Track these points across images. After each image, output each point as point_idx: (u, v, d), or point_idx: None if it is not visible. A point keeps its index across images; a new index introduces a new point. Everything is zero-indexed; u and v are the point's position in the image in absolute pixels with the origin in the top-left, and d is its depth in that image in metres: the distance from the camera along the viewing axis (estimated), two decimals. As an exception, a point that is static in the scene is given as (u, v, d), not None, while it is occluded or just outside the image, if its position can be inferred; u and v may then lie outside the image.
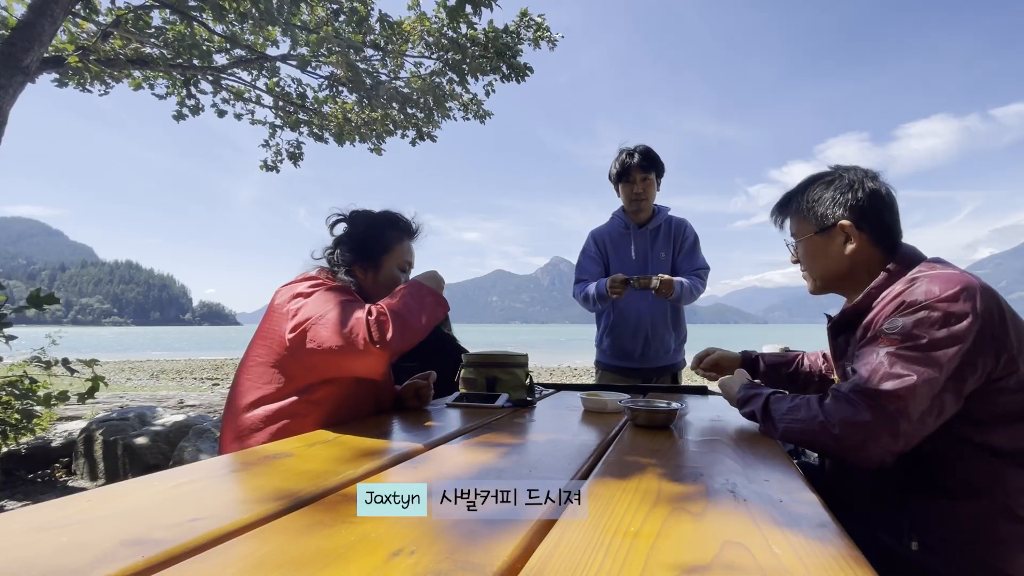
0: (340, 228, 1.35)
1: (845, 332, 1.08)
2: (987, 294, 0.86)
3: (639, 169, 2.09)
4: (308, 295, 1.11)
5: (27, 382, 2.89)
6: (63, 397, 2.94)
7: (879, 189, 1.03)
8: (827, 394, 0.93)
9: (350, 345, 1.00)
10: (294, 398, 1.09)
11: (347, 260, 1.28)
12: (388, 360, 1.04)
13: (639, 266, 2.18)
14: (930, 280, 0.89)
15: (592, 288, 2.15)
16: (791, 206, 1.13)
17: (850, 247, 1.03)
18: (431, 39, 4.64)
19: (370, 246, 1.30)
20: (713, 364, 1.44)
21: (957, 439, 0.86)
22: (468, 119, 5.32)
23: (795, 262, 1.17)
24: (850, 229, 1.02)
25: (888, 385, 0.84)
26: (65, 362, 2.85)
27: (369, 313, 1.04)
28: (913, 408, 0.83)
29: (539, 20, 4.62)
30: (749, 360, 1.42)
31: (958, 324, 0.83)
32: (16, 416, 2.89)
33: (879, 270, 1.00)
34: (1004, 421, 0.85)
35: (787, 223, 1.16)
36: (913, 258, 0.99)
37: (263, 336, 1.14)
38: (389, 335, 1.02)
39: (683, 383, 2.26)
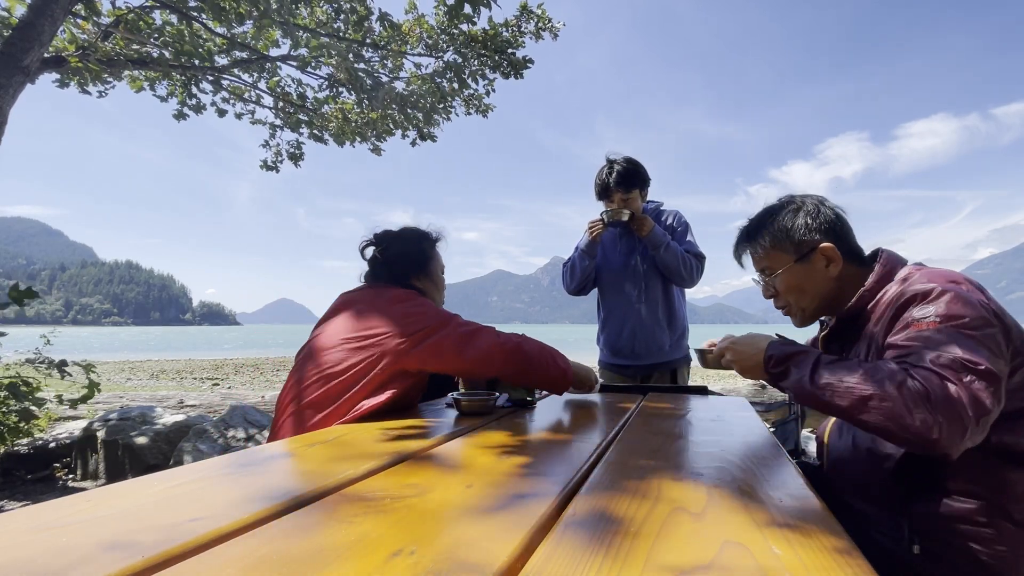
0: (370, 250, 1.53)
1: (838, 339, 1.07)
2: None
3: (619, 190, 2.10)
4: (420, 306, 1.31)
5: (25, 384, 2.89)
6: (63, 399, 2.94)
7: (837, 210, 1.06)
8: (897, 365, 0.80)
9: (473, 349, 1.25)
10: (389, 387, 1.22)
11: (405, 274, 1.48)
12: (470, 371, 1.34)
13: (625, 261, 2.21)
14: (934, 272, 0.89)
15: (575, 251, 2.24)
16: (759, 239, 1.08)
17: (834, 268, 1.02)
18: (430, 41, 4.64)
19: (420, 259, 1.53)
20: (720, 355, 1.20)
21: None
22: (471, 114, 5.32)
23: (771, 296, 1.11)
24: (831, 251, 1.01)
25: (976, 357, 0.74)
26: (61, 365, 2.84)
27: (497, 336, 1.31)
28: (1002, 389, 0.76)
29: (540, 11, 4.62)
30: None
31: (983, 305, 0.81)
32: (14, 418, 2.89)
33: (861, 284, 0.99)
34: (1013, 418, 0.82)
35: (749, 259, 1.13)
36: (897, 260, 1.01)
37: (360, 337, 1.23)
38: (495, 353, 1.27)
39: (688, 380, 2.26)
